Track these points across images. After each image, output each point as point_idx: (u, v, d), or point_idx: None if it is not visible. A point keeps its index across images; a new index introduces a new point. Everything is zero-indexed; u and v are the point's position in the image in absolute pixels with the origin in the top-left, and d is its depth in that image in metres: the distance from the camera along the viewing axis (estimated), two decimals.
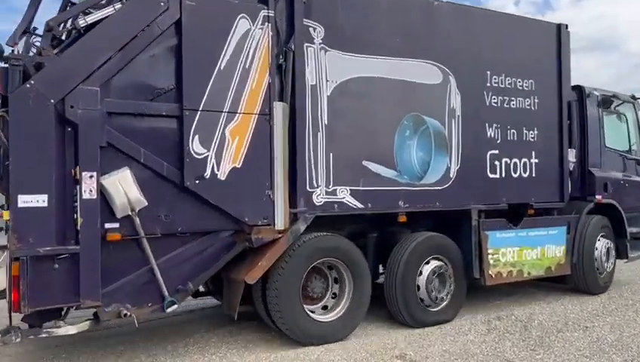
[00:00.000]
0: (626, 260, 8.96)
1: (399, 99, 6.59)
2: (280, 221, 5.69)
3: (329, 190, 6.08)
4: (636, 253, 9.05)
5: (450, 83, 6.99)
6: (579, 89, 8.59)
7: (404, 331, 6.52)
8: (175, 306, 5.37)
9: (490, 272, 7.22)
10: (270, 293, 5.80)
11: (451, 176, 6.97)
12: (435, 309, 6.82)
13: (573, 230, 8.07)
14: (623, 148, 9.14)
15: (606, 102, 8.78)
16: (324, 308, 6.25)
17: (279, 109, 5.70)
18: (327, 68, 6.08)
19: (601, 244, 8.34)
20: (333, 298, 6.28)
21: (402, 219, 6.65)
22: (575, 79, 8.51)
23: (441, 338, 6.31)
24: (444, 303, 6.90)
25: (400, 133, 6.59)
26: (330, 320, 6.10)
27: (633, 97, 9.18)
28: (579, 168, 8.46)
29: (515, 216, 7.66)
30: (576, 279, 8.22)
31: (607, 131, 8.84)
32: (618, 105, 9.11)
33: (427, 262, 6.79)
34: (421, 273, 6.71)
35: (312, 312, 6.11)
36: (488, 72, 7.32)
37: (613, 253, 8.54)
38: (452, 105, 7.00)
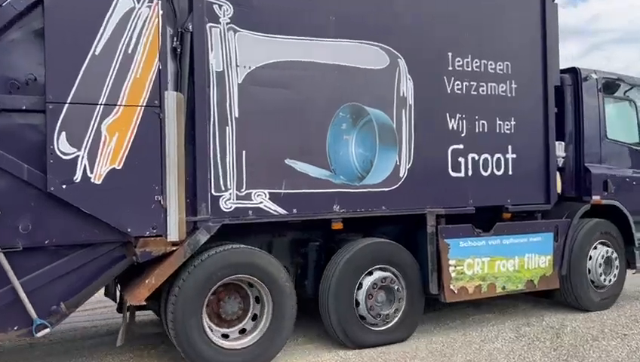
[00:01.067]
0: (634, 271, 7.68)
1: (334, 86, 5.66)
2: (173, 231, 4.87)
3: (241, 194, 5.22)
4: None
5: (400, 67, 5.98)
6: (574, 72, 7.37)
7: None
8: (47, 330, 4.64)
9: (451, 287, 6.18)
10: (168, 311, 5.00)
11: (401, 175, 5.98)
12: (380, 328, 5.88)
13: (563, 236, 6.90)
14: (632, 140, 7.84)
15: (610, 86, 7.52)
16: (242, 331, 5.39)
17: (172, 100, 4.87)
18: (237, 51, 5.22)
19: (598, 253, 7.13)
20: (253, 320, 5.41)
21: (337, 225, 5.71)
22: (615, 70, 7.60)
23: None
24: (393, 322, 5.95)
25: (334, 127, 5.65)
26: (242, 347, 5.23)
27: None
28: (573, 164, 7.27)
29: (491, 221, 6.60)
30: (566, 294, 7.07)
31: (611, 120, 7.58)
32: (627, 90, 7.81)
33: (370, 273, 5.84)
34: (361, 285, 5.77)
35: (226, 337, 5.28)
36: (450, 54, 6.26)
37: (616, 263, 7.30)
38: (402, 93, 6.00)
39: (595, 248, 7.17)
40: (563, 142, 7.05)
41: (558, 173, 7.12)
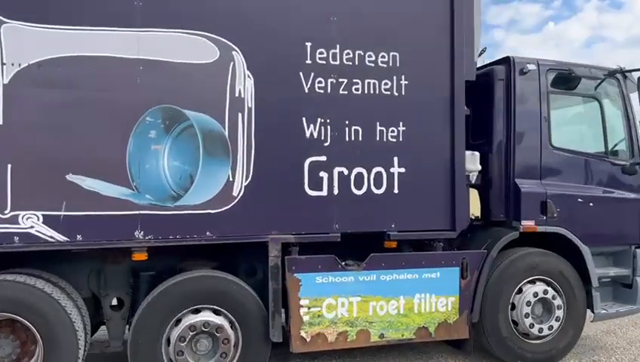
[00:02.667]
0: (592, 319, 5.96)
1: (137, 86, 4.65)
2: None
3: (5, 216, 4.37)
4: (615, 307, 6.01)
5: (235, 62, 4.87)
6: (507, 62, 5.83)
7: None
8: None
9: (302, 334, 4.98)
10: None
11: (235, 193, 4.86)
12: None
13: (475, 272, 5.42)
14: (596, 148, 6.12)
15: (566, 80, 5.86)
16: None
17: None
18: (2, 46, 4.38)
19: (528, 293, 5.55)
20: None
21: (139, 256, 4.71)
22: None
23: None
24: None
25: (139, 135, 4.65)
26: None
27: (619, 70, 6.06)
28: (504, 180, 5.74)
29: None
30: (485, 345, 5.57)
31: (564, 124, 5.97)
32: (599, 85, 6.09)
33: (197, 311, 4.82)
34: (179, 322, 4.79)
35: None
36: (309, 44, 5.04)
37: (559, 310, 5.64)
38: (238, 94, 4.88)
39: (528, 285, 5.59)
40: (477, 153, 5.54)
41: (476, 192, 5.65)
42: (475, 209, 5.62)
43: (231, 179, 4.86)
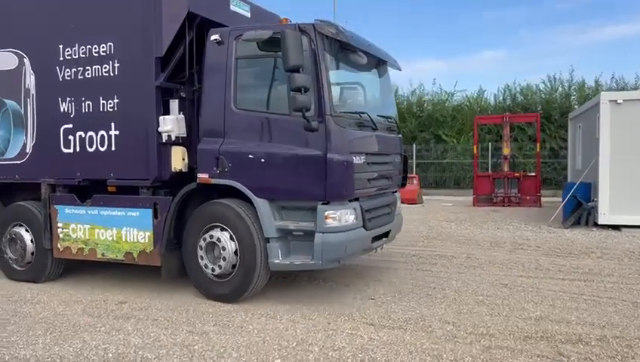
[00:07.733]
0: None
1: None
2: None
3: None
4: (290, 259, 6.17)
5: (25, 65, 7.58)
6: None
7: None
8: None
9: (58, 246, 7.43)
10: None
11: (27, 151, 7.62)
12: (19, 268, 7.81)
13: (164, 214, 6.72)
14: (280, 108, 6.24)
15: (265, 44, 6.24)
16: None
17: None
18: None
19: (202, 238, 6.46)
20: None
21: None
22: None
23: None
24: (25, 268, 7.74)
25: None
26: None
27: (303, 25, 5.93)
28: (197, 139, 6.70)
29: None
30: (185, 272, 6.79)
31: (257, 86, 6.42)
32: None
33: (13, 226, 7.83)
34: None
35: None
36: (61, 46, 7.28)
37: (224, 251, 6.26)
38: (27, 86, 7.58)
39: (210, 232, 6.47)
40: (168, 116, 6.60)
41: (180, 149, 6.78)
42: (177, 163, 6.72)
43: (25, 142, 7.61)
